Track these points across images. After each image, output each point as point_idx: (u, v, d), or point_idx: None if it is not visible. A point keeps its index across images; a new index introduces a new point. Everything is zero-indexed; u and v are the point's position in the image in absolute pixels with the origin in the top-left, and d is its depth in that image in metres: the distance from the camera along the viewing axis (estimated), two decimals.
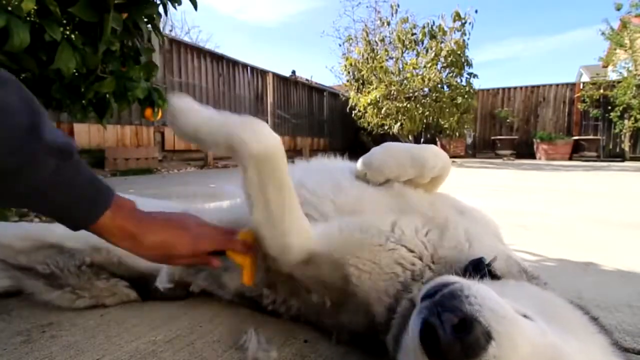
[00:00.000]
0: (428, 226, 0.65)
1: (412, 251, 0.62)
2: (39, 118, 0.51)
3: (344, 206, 0.72)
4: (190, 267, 0.86)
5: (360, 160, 0.79)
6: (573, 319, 0.49)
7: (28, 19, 1.22)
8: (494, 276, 0.56)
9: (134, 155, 5.59)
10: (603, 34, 9.84)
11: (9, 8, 1.06)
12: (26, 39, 1.07)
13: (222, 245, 0.66)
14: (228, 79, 7.82)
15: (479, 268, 0.54)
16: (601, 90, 9.80)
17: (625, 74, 9.45)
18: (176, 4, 1.63)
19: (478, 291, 0.37)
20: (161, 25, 1.70)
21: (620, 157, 9.73)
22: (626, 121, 9.49)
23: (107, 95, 1.61)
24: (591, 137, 9.93)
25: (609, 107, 9.67)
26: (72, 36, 1.35)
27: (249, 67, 8.37)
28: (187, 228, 0.64)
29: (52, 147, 0.51)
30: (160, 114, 1.69)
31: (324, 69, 15.39)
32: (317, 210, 0.73)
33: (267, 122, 9.05)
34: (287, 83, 9.81)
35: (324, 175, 0.80)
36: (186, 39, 11.35)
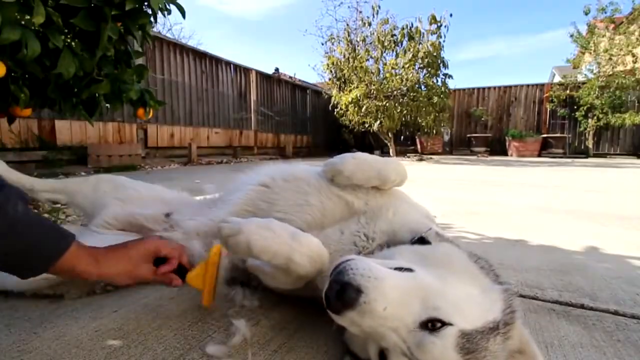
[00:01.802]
0: (365, 218, 0.84)
1: (355, 244, 0.80)
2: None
3: (311, 222, 0.88)
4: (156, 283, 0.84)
5: (330, 164, 0.91)
6: (458, 265, 0.66)
7: (33, 28, 1.36)
8: (424, 241, 0.77)
9: (117, 152, 5.61)
10: (571, 36, 10.45)
11: (22, 22, 1.21)
12: (37, 49, 1.23)
13: (173, 253, 0.77)
14: (211, 76, 7.88)
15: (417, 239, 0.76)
16: (568, 91, 10.42)
17: (590, 76, 10.11)
18: (166, 12, 1.79)
19: (356, 264, 0.56)
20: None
21: (585, 153, 10.39)
22: (590, 120, 10.16)
23: (98, 95, 1.75)
24: (558, 135, 10.56)
25: (575, 107, 10.31)
26: (73, 44, 1.50)
27: (232, 65, 8.44)
28: (137, 241, 0.76)
29: (19, 193, 0.60)
30: (151, 113, 1.84)
31: (307, 67, 15.50)
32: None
33: (251, 119, 9.09)
34: (271, 80, 9.92)
35: (294, 191, 0.93)
36: (168, 35, 11.24)
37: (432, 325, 0.54)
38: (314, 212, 0.90)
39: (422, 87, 8.00)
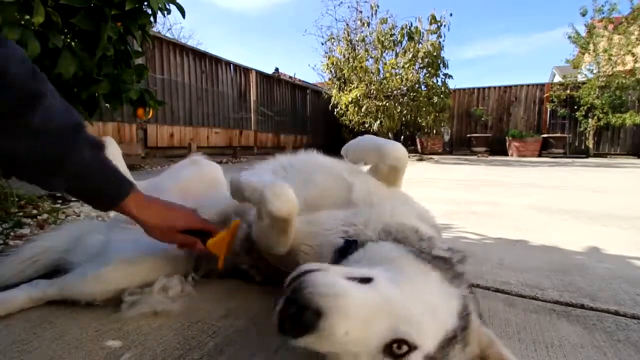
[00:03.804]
0: (360, 211, 0.83)
1: (346, 232, 0.79)
2: (79, 119, 0.71)
3: (308, 200, 0.87)
4: (183, 247, 0.94)
5: (343, 149, 1.03)
6: (408, 267, 0.59)
7: (33, 28, 1.36)
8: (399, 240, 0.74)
9: None
10: (569, 37, 10.45)
11: (22, 22, 1.21)
12: (37, 49, 1.23)
13: (206, 227, 0.88)
14: (211, 76, 7.88)
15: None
16: (568, 91, 10.42)
17: (590, 76, 10.11)
18: (165, 12, 1.79)
19: (317, 278, 0.48)
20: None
21: (585, 153, 10.39)
22: (590, 120, 10.16)
23: (97, 95, 1.75)
24: (558, 134, 10.56)
25: (575, 107, 10.31)
26: (73, 43, 1.50)
27: (232, 65, 8.43)
28: (182, 210, 0.87)
29: (90, 140, 0.71)
30: (151, 113, 1.84)
31: (307, 67, 15.50)
32: None
33: (251, 119, 9.07)
34: (270, 80, 9.92)
35: (304, 170, 0.97)
36: (168, 35, 11.25)
37: (398, 346, 0.48)
38: (313, 189, 0.90)
39: (422, 87, 8.00)
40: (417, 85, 7.88)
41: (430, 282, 0.57)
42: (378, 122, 8.09)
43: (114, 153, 1.21)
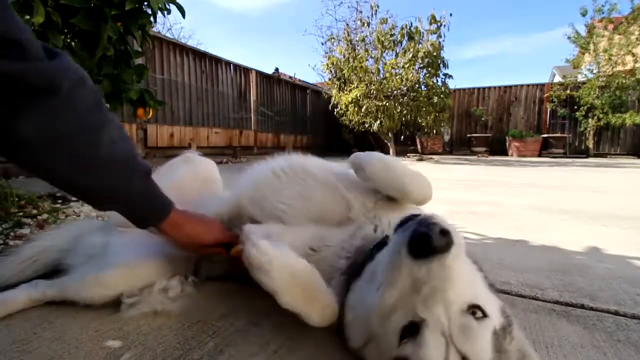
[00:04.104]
0: (357, 231, 0.83)
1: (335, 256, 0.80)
2: (134, 146, 0.74)
3: (312, 217, 0.89)
4: (207, 255, 0.97)
5: (356, 158, 0.89)
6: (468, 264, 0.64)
7: (33, 28, 1.36)
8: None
9: None
10: (569, 37, 10.45)
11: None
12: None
13: (231, 239, 0.90)
14: (211, 76, 7.87)
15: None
16: (568, 91, 10.42)
17: (590, 76, 10.11)
18: (165, 12, 1.79)
19: (437, 218, 0.53)
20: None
21: (585, 153, 10.39)
22: (590, 120, 10.15)
23: None
24: (558, 134, 10.56)
25: (575, 107, 10.31)
26: (72, 44, 1.50)
27: (232, 65, 8.43)
28: (212, 224, 0.90)
29: (144, 168, 0.74)
30: (151, 113, 1.84)
31: (307, 67, 15.51)
32: (289, 218, 0.90)
33: (251, 119, 9.07)
34: (270, 80, 9.92)
35: (300, 184, 0.94)
36: (168, 35, 11.24)
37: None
38: (315, 207, 0.90)
39: (422, 87, 8.00)
40: (417, 85, 7.88)
41: (480, 277, 0.62)
42: (378, 122, 8.09)
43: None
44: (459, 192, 3.24)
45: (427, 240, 0.49)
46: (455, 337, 0.49)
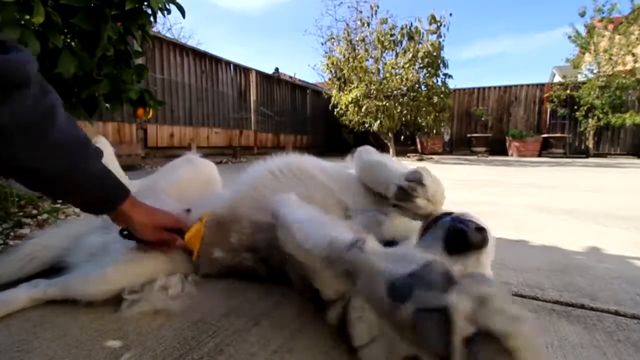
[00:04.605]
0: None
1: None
2: (84, 133, 0.72)
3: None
4: (162, 244, 0.95)
5: (359, 161, 0.92)
6: None
7: (33, 28, 1.36)
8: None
9: (117, 152, 5.53)
10: (569, 37, 10.45)
11: (22, 22, 1.21)
12: (37, 49, 1.23)
13: (185, 226, 0.95)
14: (211, 76, 7.88)
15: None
16: (568, 91, 10.42)
17: (590, 76, 10.11)
18: (165, 12, 1.79)
19: (470, 215, 0.56)
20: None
21: (585, 153, 10.39)
22: (590, 120, 10.16)
23: (97, 95, 1.75)
24: (558, 134, 10.56)
25: (575, 107, 10.31)
26: (72, 43, 1.50)
27: (232, 65, 8.43)
28: (164, 210, 0.93)
29: (96, 151, 0.73)
30: (151, 113, 1.84)
31: (307, 67, 15.52)
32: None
33: (251, 119, 9.08)
34: (271, 80, 9.92)
35: (298, 184, 0.95)
36: (168, 35, 11.24)
37: None
38: (315, 207, 0.90)
39: (422, 87, 8.00)
40: (417, 85, 7.88)
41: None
42: (378, 122, 8.09)
43: (108, 153, 1.23)
44: (459, 192, 3.24)
45: (464, 236, 0.50)
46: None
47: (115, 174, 0.79)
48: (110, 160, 1.26)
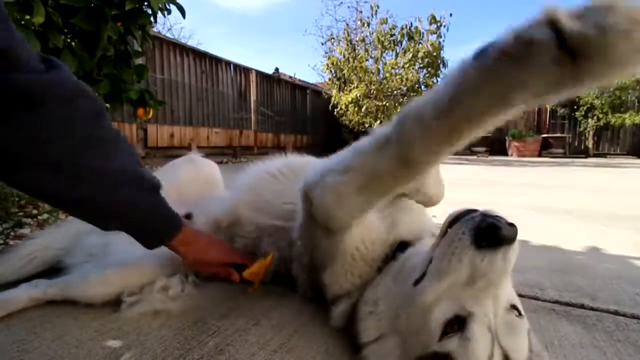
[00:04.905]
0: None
1: None
2: (139, 160, 0.73)
3: None
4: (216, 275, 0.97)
5: None
6: None
7: (33, 28, 1.36)
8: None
9: None
10: None
11: (22, 22, 1.21)
12: (37, 49, 1.23)
13: (240, 260, 0.93)
14: (211, 76, 7.87)
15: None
16: None
17: None
18: (165, 12, 1.79)
19: (496, 211, 0.55)
20: None
21: (585, 153, 10.40)
22: (590, 120, 10.17)
23: (97, 95, 1.75)
24: (558, 134, 10.57)
25: (575, 107, 10.32)
26: (73, 43, 1.50)
27: (232, 65, 8.43)
28: (220, 243, 0.93)
29: (152, 183, 0.72)
30: (151, 113, 1.84)
31: (307, 67, 15.53)
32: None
33: (251, 119, 9.07)
34: (271, 80, 9.92)
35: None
36: (168, 35, 11.24)
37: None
38: None
39: (423, 87, 8.01)
40: (417, 85, 7.89)
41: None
42: (378, 122, 8.10)
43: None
44: (459, 192, 3.24)
45: (495, 230, 0.48)
46: (500, 333, 0.49)
47: (170, 207, 0.77)
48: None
